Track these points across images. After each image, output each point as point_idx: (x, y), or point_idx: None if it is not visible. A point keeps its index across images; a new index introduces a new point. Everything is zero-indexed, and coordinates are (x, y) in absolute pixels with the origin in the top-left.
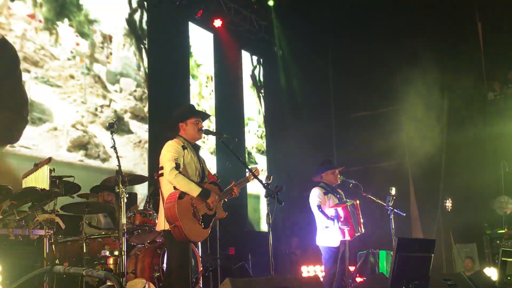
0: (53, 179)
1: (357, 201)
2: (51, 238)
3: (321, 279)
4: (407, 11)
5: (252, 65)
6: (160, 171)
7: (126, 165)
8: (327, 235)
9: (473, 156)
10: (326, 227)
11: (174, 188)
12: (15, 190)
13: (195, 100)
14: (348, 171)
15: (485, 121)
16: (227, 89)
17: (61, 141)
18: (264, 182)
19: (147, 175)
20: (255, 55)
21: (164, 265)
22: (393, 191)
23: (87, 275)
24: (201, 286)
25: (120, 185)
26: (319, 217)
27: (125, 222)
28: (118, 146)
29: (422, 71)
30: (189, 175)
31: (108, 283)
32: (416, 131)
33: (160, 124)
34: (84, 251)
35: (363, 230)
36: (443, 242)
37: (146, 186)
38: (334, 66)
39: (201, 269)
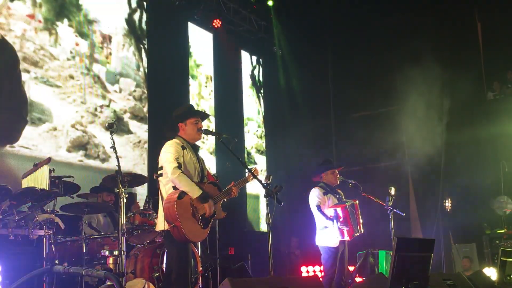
0: (53, 179)
1: (357, 201)
2: (51, 238)
3: (321, 279)
4: (407, 12)
5: (252, 65)
6: (159, 171)
7: (126, 165)
8: (327, 235)
9: (473, 156)
10: (326, 227)
11: (174, 188)
12: (15, 190)
13: (195, 100)
14: (348, 171)
15: (485, 121)
16: (227, 89)
17: (61, 141)
18: (264, 182)
19: (147, 175)
20: (255, 55)
21: (164, 265)
22: (393, 191)
23: (87, 275)
24: (201, 286)
25: (120, 185)
26: (319, 217)
27: (125, 222)
28: (118, 146)
29: (422, 71)
30: (189, 175)
31: (108, 283)
32: (416, 131)
33: (160, 124)
34: (84, 251)
35: (363, 230)
36: (443, 242)
37: (146, 186)
38: (334, 66)
39: (201, 269)
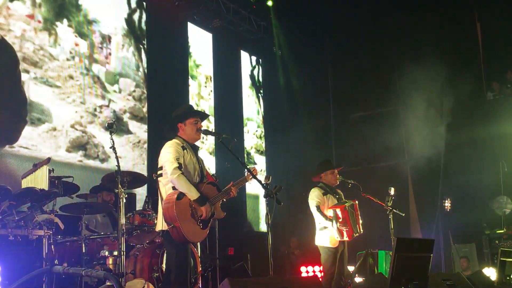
0: (52, 180)
1: (356, 202)
2: (50, 239)
3: (320, 279)
4: (406, 12)
5: (251, 65)
6: (159, 172)
7: (125, 166)
8: (326, 236)
9: (472, 157)
10: (325, 228)
11: (173, 188)
12: (14, 191)
13: (194, 100)
14: (347, 171)
15: (484, 121)
16: (226, 89)
17: (60, 142)
18: (263, 182)
19: (147, 175)
20: (254, 55)
21: (163, 266)
22: (392, 191)
23: (86, 275)
24: (200, 286)
25: (120, 186)
26: (318, 218)
27: (124, 222)
28: (117, 147)
29: (421, 72)
30: (189, 176)
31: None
32: (415, 132)
33: (159, 125)
34: (83, 251)
35: (362, 231)
36: (442, 242)
37: (146, 186)
38: (333, 66)
39: (200, 269)
